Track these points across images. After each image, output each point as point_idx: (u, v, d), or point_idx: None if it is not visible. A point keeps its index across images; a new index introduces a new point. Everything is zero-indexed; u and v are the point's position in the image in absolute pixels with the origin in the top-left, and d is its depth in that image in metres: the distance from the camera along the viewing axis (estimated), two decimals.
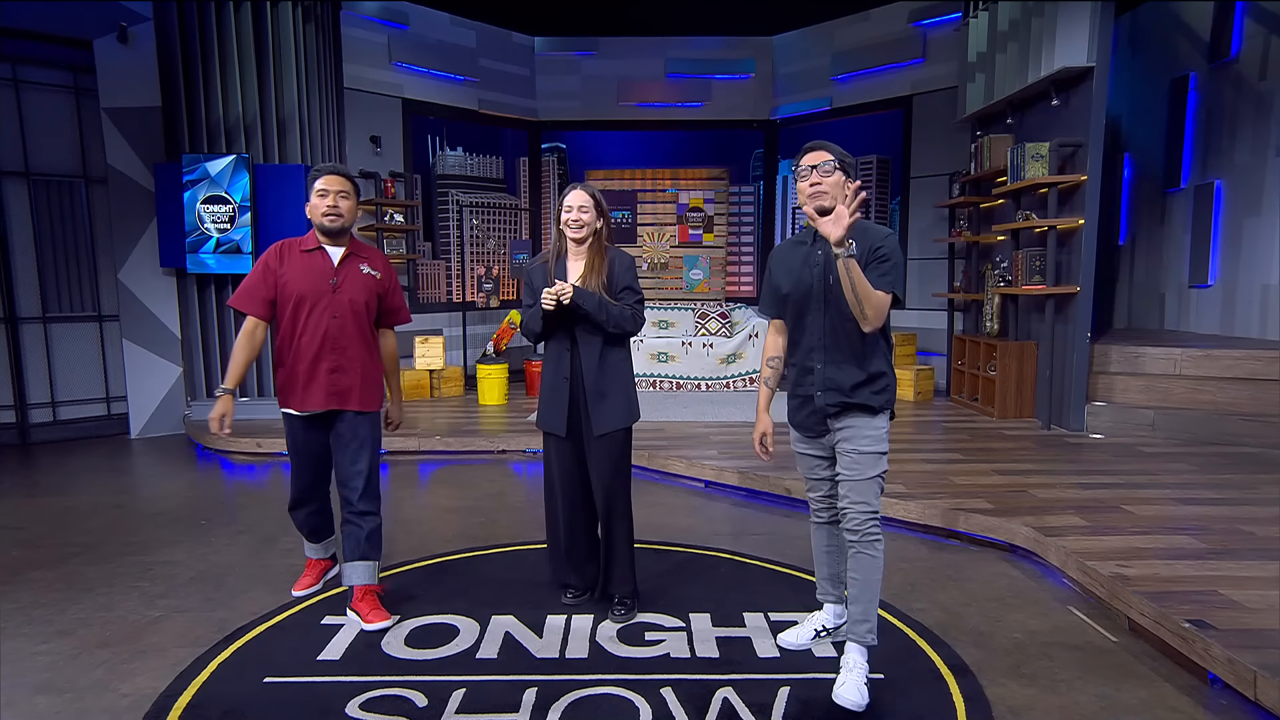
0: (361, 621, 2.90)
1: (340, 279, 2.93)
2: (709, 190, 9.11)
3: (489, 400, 7.14)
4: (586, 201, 2.85)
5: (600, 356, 2.87)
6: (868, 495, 2.44)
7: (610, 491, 2.94)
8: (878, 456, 2.45)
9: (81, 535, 3.99)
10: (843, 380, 2.44)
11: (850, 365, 2.44)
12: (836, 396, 2.45)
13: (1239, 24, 6.58)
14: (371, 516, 2.97)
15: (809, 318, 2.49)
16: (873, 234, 2.41)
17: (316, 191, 2.89)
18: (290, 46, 6.31)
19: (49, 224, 6.19)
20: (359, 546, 2.95)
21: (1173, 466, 4.71)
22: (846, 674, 2.37)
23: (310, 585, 3.26)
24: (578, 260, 2.91)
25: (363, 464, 2.95)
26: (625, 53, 8.93)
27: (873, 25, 8.11)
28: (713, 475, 4.87)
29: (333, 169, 2.92)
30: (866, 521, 2.44)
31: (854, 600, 2.46)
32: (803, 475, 2.72)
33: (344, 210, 2.90)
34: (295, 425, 2.99)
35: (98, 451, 5.96)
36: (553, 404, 2.92)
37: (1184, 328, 7.25)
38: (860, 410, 2.44)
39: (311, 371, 2.92)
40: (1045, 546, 3.49)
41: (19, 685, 2.53)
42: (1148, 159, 7.91)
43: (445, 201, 8.77)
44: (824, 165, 2.39)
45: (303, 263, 2.93)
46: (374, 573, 2.99)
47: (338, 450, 2.99)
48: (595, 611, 3.02)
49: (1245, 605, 2.75)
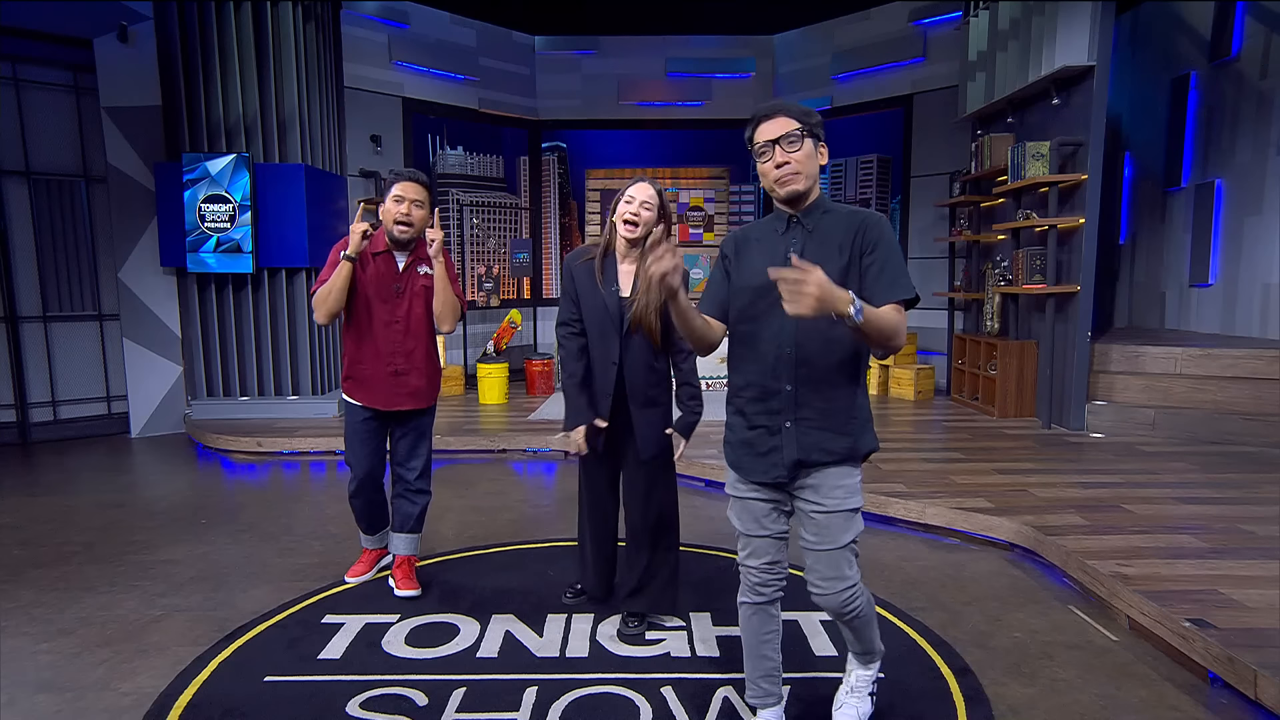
0: (394, 588, 3.14)
1: (404, 285, 3.04)
2: (709, 189, 9.11)
3: (489, 400, 7.14)
4: (651, 197, 2.51)
5: (645, 376, 2.62)
6: (839, 568, 1.92)
7: (660, 518, 2.76)
8: (850, 515, 1.92)
9: (81, 535, 3.99)
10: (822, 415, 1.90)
11: (830, 392, 1.89)
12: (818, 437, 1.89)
13: (1240, 23, 6.57)
14: (425, 495, 3.22)
15: (770, 320, 1.90)
16: (853, 220, 1.91)
17: (393, 196, 2.94)
18: (290, 46, 6.31)
19: (49, 223, 6.19)
20: (409, 520, 3.18)
21: (1173, 466, 4.71)
22: (846, 695, 2.25)
23: (364, 573, 3.35)
24: (629, 264, 2.60)
25: (421, 449, 3.18)
26: (625, 52, 8.93)
27: (873, 24, 8.10)
28: (712, 474, 4.87)
29: (412, 175, 2.97)
30: (846, 599, 1.95)
31: (852, 643, 2.19)
32: (741, 531, 2.04)
33: (415, 220, 2.96)
34: (358, 414, 3.11)
35: (98, 451, 5.96)
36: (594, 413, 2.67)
37: (1184, 327, 7.24)
38: (840, 459, 1.91)
39: (378, 373, 3.05)
40: (1045, 546, 3.49)
41: (19, 684, 2.53)
42: (1148, 158, 7.90)
43: (445, 201, 8.77)
44: (789, 135, 1.86)
45: (373, 266, 3.00)
46: (416, 545, 3.25)
47: (398, 439, 3.17)
48: (595, 611, 3.02)
49: (1245, 604, 2.75)
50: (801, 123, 1.87)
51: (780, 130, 1.86)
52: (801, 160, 1.87)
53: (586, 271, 2.63)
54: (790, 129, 1.86)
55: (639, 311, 2.50)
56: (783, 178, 1.88)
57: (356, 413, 3.10)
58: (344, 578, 3.33)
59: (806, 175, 1.88)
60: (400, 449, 3.17)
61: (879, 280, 1.85)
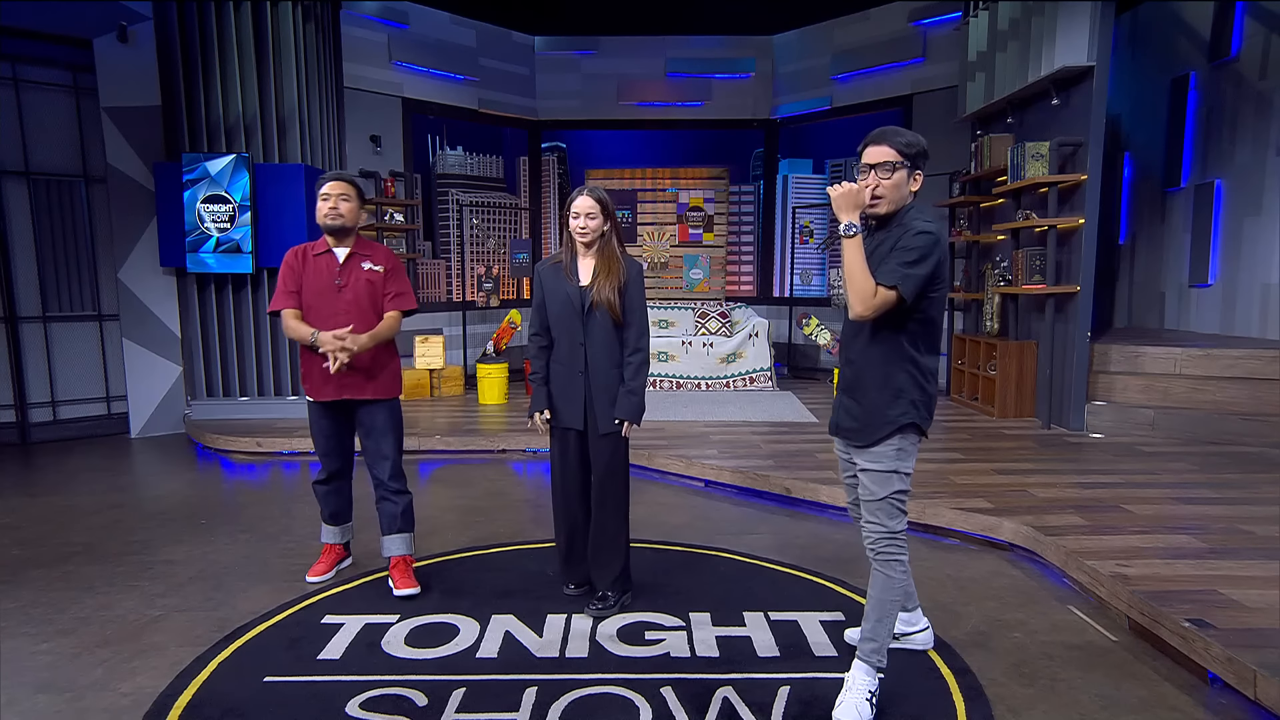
0: (393, 588, 3.17)
1: (344, 279, 3.16)
2: (709, 189, 9.10)
3: (489, 400, 7.14)
4: (593, 208, 2.91)
5: (608, 354, 2.95)
6: (880, 516, 2.33)
7: (606, 484, 3.00)
8: (885, 476, 2.30)
9: (81, 535, 3.99)
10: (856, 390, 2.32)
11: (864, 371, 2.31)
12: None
13: (1239, 23, 6.57)
14: (403, 494, 3.26)
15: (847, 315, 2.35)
16: (910, 229, 2.21)
17: (320, 196, 3.14)
18: (290, 46, 6.31)
19: (49, 223, 6.18)
20: (395, 521, 3.25)
21: (1172, 466, 4.71)
22: (845, 693, 2.30)
23: (324, 573, 3.37)
24: (588, 260, 2.99)
25: (386, 448, 3.22)
26: (625, 52, 8.93)
27: (873, 25, 8.10)
28: (712, 475, 4.87)
29: (334, 175, 3.18)
30: (879, 541, 2.34)
31: (865, 617, 2.37)
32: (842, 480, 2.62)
33: (344, 211, 3.13)
34: (315, 411, 3.24)
35: (98, 451, 5.96)
36: (569, 400, 2.99)
37: (1184, 327, 7.25)
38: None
39: (317, 366, 3.14)
40: (1045, 546, 3.49)
41: (19, 684, 2.53)
42: (1148, 158, 7.91)
43: (445, 201, 8.77)
44: (885, 165, 2.18)
45: (314, 265, 3.18)
46: (410, 544, 3.28)
47: (363, 437, 3.25)
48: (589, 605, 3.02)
49: (1245, 604, 2.75)
50: (902, 155, 2.17)
51: (880, 158, 2.18)
52: (889, 189, 2.20)
53: (554, 271, 3.02)
54: (888, 159, 2.17)
55: (598, 292, 2.92)
56: (870, 201, 2.22)
57: (314, 410, 3.23)
58: (305, 577, 3.34)
59: (889, 201, 2.22)
60: (368, 449, 3.24)
61: (882, 264, 2.18)
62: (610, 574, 3.02)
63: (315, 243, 3.23)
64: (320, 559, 3.42)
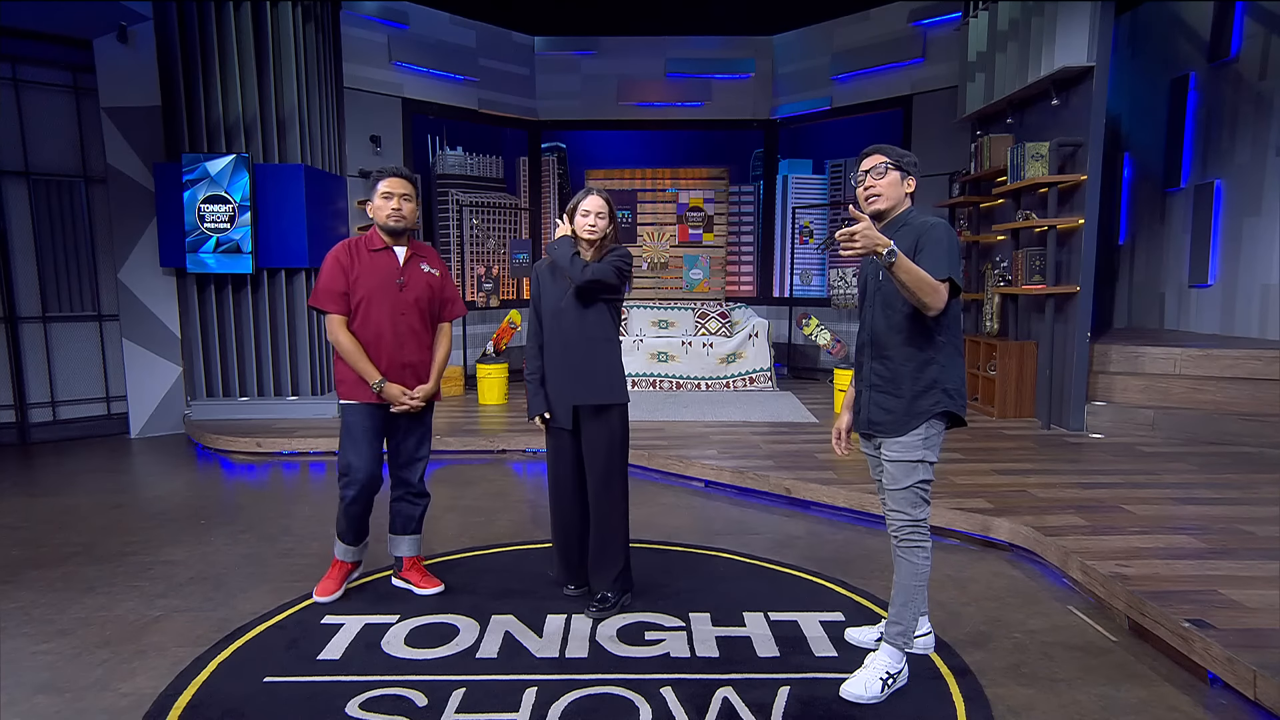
0: (415, 589, 3.19)
1: (406, 278, 3.08)
2: (709, 190, 9.11)
3: (489, 400, 7.14)
4: (603, 208, 2.98)
5: (591, 346, 2.98)
6: (902, 505, 2.43)
7: (606, 484, 2.99)
8: (911, 465, 2.42)
9: (81, 535, 3.99)
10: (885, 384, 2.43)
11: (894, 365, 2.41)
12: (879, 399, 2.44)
13: (1239, 23, 6.58)
14: (426, 497, 3.28)
15: (864, 312, 2.53)
16: (919, 227, 2.35)
17: (380, 194, 3.02)
18: (290, 46, 6.31)
19: (49, 224, 6.19)
20: (411, 522, 3.24)
21: (1172, 466, 4.71)
22: (863, 669, 2.41)
23: (334, 591, 3.15)
24: (588, 258, 3.02)
25: (425, 450, 3.22)
26: (625, 52, 8.93)
27: (873, 25, 8.11)
28: (712, 475, 4.87)
29: (396, 171, 3.07)
30: (903, 528, 2.44)
31: (891, 602, 2.48)
32: (874, 478, 2.69)
33: (406, 212, 3.05)
34: (358, 414, 3.06)
35: (98, 451, 5.96)
36: (561, 400, 3.00)
37: (1184, 327, 7.25)
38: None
39: (390, 366, 3.05)
40: (1045, 546, 3.49)
41: (19, 685, 2.53)
42: (1148, 159, 7.91)
43: (445, 201, 8.76)
44: (877, 168, 2.40)
45: (371, 262, 3.06)
46: (420, 545, 3.31)
47: (401, 438, 3.17)
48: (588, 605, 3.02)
49: (1245, 605, 2.75)
50: (889, 159, 2.40)
51: (872, 164, 2.41)
52: (884, 187, 2.39)
53: (551, 271, 3.06)
54: (879, 162, 2.40)
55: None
56: (867, 197, 2.42)
57: (359, 414, 3.04)
58: (313, 595, 3.14)
59: (886, 198, 2.40)
60: (405, 449, 3.17)
61: (920, 263, 2.25)
62: (610, 574, 3.02)
63: (365, 237, 3.10)
64: (329, 575, 3.19)
